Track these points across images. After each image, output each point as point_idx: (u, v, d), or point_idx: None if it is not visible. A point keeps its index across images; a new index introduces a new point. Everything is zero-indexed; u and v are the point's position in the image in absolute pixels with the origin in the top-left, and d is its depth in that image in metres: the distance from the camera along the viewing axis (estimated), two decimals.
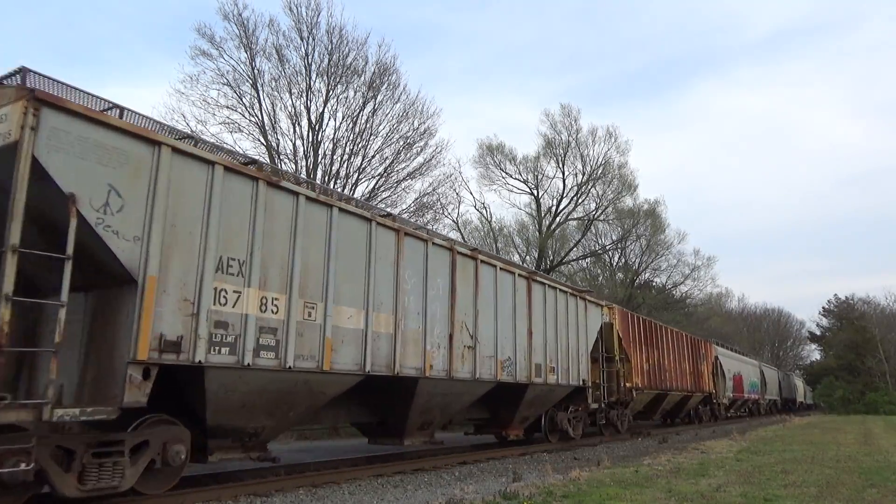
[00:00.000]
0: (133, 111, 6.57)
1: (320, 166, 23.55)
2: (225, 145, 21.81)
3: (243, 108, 22.86)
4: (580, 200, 39.96)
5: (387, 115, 25.22)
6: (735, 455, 12.61)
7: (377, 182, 25.52)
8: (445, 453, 12.55)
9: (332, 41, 23.70)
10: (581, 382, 15.01)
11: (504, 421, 13.32)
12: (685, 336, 25.61)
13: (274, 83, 23.19)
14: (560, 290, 14.56)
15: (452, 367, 10.19)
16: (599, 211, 40.47)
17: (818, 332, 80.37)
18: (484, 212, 39.91)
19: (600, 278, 47.08)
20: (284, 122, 23.86)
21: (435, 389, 10.10)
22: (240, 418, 7.24)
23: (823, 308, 79.70)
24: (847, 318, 71.69)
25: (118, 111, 6.30)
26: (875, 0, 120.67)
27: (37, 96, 5.29)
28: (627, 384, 18.23)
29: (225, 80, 22.48)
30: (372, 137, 24.89)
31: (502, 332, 11.85)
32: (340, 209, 8.44)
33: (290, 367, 7.36)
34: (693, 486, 8.13)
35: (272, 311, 7.24)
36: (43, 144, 5.28)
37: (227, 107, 22.61)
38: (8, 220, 5.04)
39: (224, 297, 6.67)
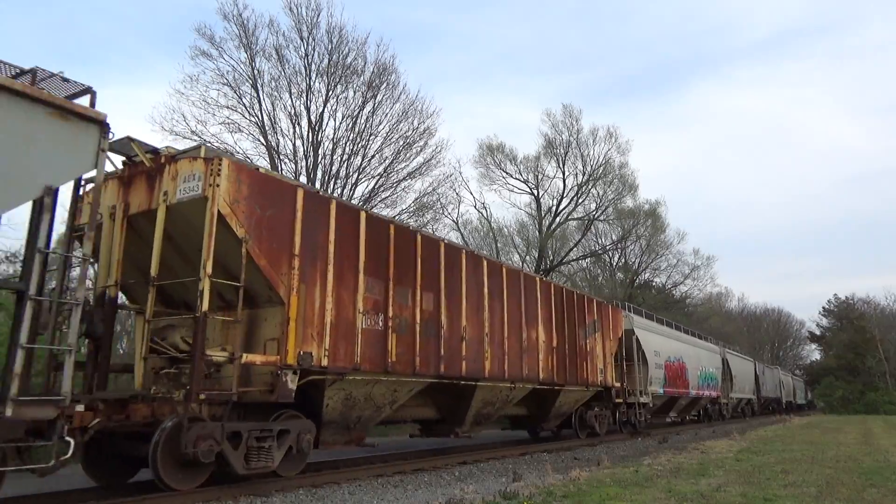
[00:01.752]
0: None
1: (320, 166, 23.58)
2: (225, 146, 21.85)
3: (243, 109, 22.89)
4: (580, 200, 40.00)
5: (386, 115, 25.27)
6: (735, 455, 12.60)
7: (377, 182, 25.55)
8: (446, 453, 12.54)
9: (331, 41, 23.75)
10: None
11: None
12: (540, 283, 14.15)
13: (274, 83, 23.24)
14: None
15: None
16: (600, 211, 40.52)
17: (818, 332, 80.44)
18: (484, 212, 39.92)
19: (600, 278, 47.09)
20: (284, 123, 23.91)
21: None
22: None
23: (823, 308, 79.83)
24: (847, 318, 71.76)
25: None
26: (873, 2, 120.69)
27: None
28: (256, 359, 7.67)
29: (225, 81, 22.52)
30: (371, 137, 24.93)
31: None
32: None
33: None
34: (693, 485, 8.12)
35: None
36: None
37: (227, 107, 22.64)
38: None
39: None
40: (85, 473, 7.69)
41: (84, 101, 6.14)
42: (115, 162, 8.08)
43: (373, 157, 25.17)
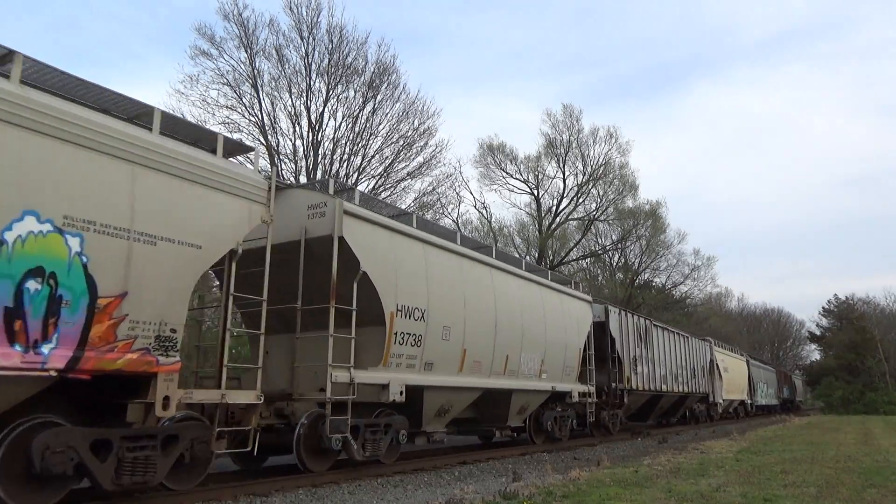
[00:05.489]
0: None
1: (320, 166, 23.58)
2: None
3: (243, 108, 22.92)
4: (580, 200, 40.02)
5: (387, 115, 25.30)
6: (735, 455, 12.60)
7: (377, 182, 25.57)
8: (445, 453, 12.55)
9: (332, 41, 23.77)
10: None
11: None
12: None
13: (274, 83, 23.26)
14: None
15: None
16: (600, 211, 40.53)
17: (818, 332, 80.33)
18: (484, 212, 39.94)
19: (600, 278, 47.10)
20: (284, 122, 23.92)
21: None
22: None
23: (823, 308, 79.70)
24: (847, 318, 71.69)
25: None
26: (873, 2, 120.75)
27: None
28: None
29: (225, 80, 22.55)
30: (372, 137, 24.97)
31: None
32: None
33: None
34: (693, 485, 8.12)
35: None
36: None
37: (227, 107, 22.68)
38: None
39: None
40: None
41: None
42: None
43: (373, 157, 25.24)
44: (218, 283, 9.04)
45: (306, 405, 8.56)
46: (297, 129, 23.59)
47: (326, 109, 23.87)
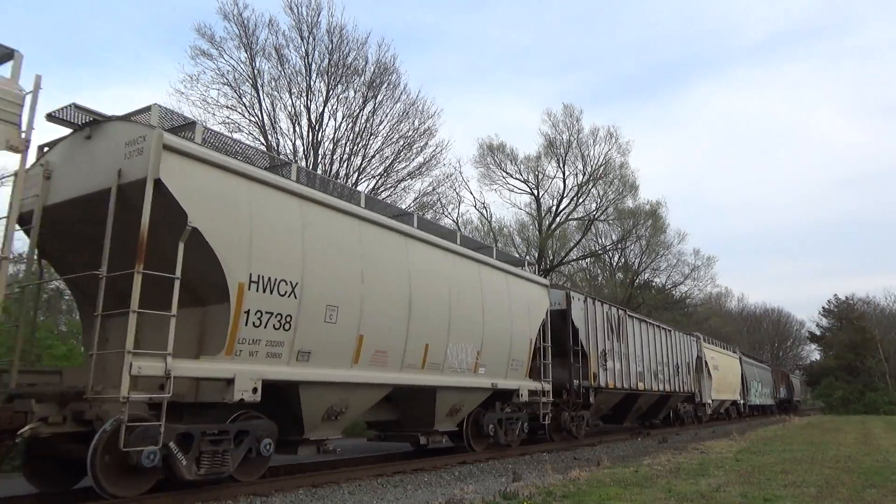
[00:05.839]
0: None
1: (320, 166, 23.58)
2: None
3: (243, 108, 22.92)
4: (581, 200, 39.98)
5: (387, 115, 25.30)
6: (735, 455, 12.60)
7: (377, 182, 25.58)
8: (446, 453, 12.55)
9: (332, 41, 23.76)
10: None
11: None
12: None
13: (274, 83, 23.26)
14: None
15: None
16: (600, 211, 40.49)
17: (818, 332, 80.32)
18: (484, 212, 39.90)
19: (600, 278, 47.09)
20: (284, 122, 23.91)
21: None
22: None
23: (823, 308, 79.70)
24: (847, 318, 71.73)
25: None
26: (871, 4, 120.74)
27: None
28: None
29: (225, 80, 22.54)
30: (372, 137, 24.97)
31: None
32: None
33: None
34: (693, 485, 8.12)
35: None
36: None
37: (227, 107, 22.67)
38: None
39: None
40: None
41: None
42: None
43: (373, 157, 25.23)
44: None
45: (119, 407, 6.09)
46: (297, 129, 23.63)
47: (326, 109, 23.90)
